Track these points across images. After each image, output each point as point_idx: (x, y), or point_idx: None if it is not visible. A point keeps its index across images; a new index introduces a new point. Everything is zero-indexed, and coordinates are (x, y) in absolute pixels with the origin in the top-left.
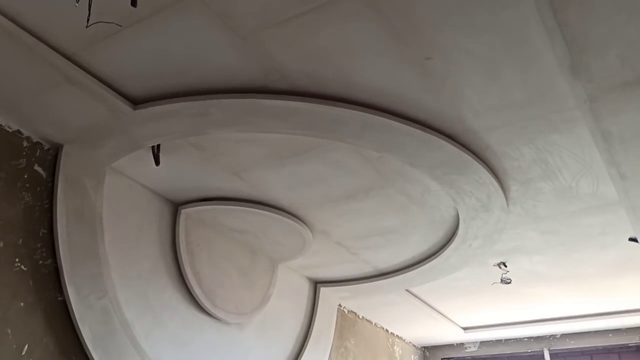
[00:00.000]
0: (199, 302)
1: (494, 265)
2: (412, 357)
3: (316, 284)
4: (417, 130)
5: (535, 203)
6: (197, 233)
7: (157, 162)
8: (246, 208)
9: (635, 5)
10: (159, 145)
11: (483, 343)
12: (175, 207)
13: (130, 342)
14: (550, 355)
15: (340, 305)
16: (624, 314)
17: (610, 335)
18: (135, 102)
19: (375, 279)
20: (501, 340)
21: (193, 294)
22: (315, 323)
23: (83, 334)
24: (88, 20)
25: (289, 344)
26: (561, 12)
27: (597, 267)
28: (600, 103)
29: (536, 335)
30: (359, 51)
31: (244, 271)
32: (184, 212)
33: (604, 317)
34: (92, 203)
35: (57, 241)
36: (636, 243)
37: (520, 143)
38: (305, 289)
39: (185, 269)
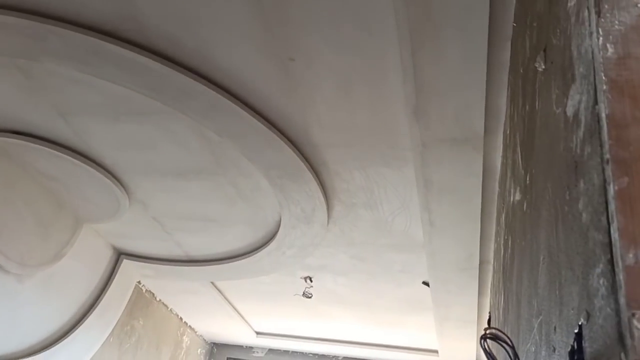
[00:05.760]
0: None
1: (300, 278)
2: (199, 350)
3: (119, 255)
4: (263, 125)
5: (353, 227)
6: None
7: None
8: (62, 155)
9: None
10: None
11: (271, 350)
12: None
13: None
14: None
15: (139, 282)
16: (402, 350)
17: None
18: None
19: (183, 264)
20: (289, 351)
21: None
22: (106, 294)
23: None
24: None
25: (71, 309)
26: (418, 53)
27: (390, 301)
28: (430, 151)
29: (321, 353)
30: (226, 28)
31: (42, 221)
32: None
33: (384, 348)
34: None
35: None
36: (427, 287)
37: (354, 167)
38: (107, 257)
39: None
